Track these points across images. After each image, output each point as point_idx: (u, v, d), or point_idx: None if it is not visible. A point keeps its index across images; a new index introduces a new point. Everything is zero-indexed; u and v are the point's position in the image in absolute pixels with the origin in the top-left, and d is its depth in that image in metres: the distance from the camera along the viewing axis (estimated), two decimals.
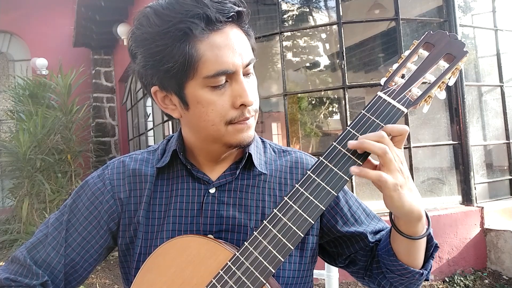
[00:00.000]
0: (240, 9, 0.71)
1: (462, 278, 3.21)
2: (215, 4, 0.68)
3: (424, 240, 0.75)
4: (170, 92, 0.73)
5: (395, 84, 0.68)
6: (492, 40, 4.03)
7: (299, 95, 6.07)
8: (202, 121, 0.73)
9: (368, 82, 4.11)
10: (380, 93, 0.68)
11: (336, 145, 0.66)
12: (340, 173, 0.65)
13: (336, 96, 6.63)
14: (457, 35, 0.69)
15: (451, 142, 3.65)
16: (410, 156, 3.45)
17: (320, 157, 0.67)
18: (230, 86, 0.71)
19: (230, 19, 0.70)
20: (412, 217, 0.68)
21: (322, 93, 6.75)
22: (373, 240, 0.84)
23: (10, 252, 4.99)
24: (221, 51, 0.68)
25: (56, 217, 0.83)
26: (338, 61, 3.90)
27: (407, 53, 0.70)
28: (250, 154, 0.81)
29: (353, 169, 0.64)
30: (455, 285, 3.16)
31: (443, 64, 0.68)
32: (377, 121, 0.66)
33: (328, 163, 0.65)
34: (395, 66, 0.70)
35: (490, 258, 3.39)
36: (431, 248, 0.77)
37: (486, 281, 3.20)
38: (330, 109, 7.12)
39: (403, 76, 0.69)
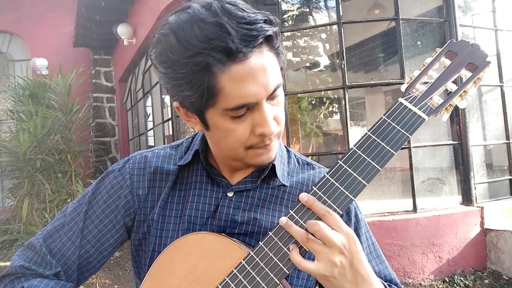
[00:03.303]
0: (270, 32, 0.64)
1: (462, 278, 3.21)
2: (242, 28, 0.61)
3: None
4: (191, 111, 0.72)
5: (416, 91, 0.68)
6: (492, 40, 4.02)
7: (299, 95, 6.07)
8: (222, 144, 0.73)
9: (368, 82, 4.12)
10: (401, 99, 0.67)
11: (356, 149, 0.66)
12: (359, 178, 0.64)
13: (336, 96, 6.63)
14: (479, 45, 0.68)
15: (451, 142, 3.65)
16: (410, 156, 3.45)
17: (339, 161, 0.66)
18: (251, 114, 0.67)
19: (257, 46, 0.63)
20: None
21: (322, 93, 6.75)
22: None
23: (10, 252, 4.99)
24: (242, 84, 0.63)
25: (74, 207, 0.83)
26: (338, 61, 3.89)
27: (428, 60, 0.70)
28: (273, 165, 0.80)
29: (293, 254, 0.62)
30: (455, 285, 3.16)
31: (465, 73, 0.67)
32: (398, 127, 0.66)
33: (347, 168, 0.65)
34: (416, 73, 0.69)
35: (490, 258, 3.39)
36: None
37: (486, 281, 3.20)
38: (330, 109, 7.12)
39: (424, 84, 0.69)
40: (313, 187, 0.65)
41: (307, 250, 0.62)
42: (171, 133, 5.37)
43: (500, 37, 4.02)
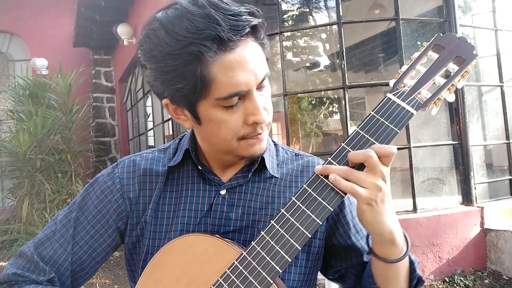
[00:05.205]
0: (255, 22, 0.67)
1: (462, 278, 3.21)
2: (228, 19, 0.64)
3: (403, 267, 0.73)
4: (182, 107, 0.72)
5: (404, 86, 0.68)
6: (492, 40, 4.02)
7: (299, 95, 6.07)
8: (214, 137, 0.73)
9: (368, 82, 4.12)
10: (389, 95, 0.68)
11: (345, 146, 0.66)
12: None
13: (336, 96, 6.63)
14: (466, 38, 0.68)
15: (451, 142, 3.65)
16: (410, 156, 3.45)
17: (328, 158, 0.67)
18: (243, 103, 0.69)
19: (244, 36, 0.66)
20: (384, 237, 0.67)
21: (322, 93, 6.75)
22: (366, 260, 0.82)
23: (10, 252, 4.99)
24: (234, 72, 0.65)
25: (65, 214, 0.83)
26: (338, 61, 3.90)
27: (416, 55, 0.70)
28: (263, 158, 0.81)
29: (331, 177, 0.63)
30: (455, 285, 3.16)
31: (452, 66, 0.68)
32: (386, 122, 0.66)
33: (336, 164, 0.65)
34: (404, 68, 0.70)
35: (490, 258, 3.39)
36: (414, 280, 0.75)
37: (486, 281, 3.20)
38: (330, 109, 7.13)
39: (412, 78, 0.69)
40: (303, 185, 0.65)
41: (352, 182, 0.63)
42: (171, 133, 5.37)
43: (500, 37, 4.02)
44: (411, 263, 0.75)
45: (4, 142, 5.85)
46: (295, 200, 0.65)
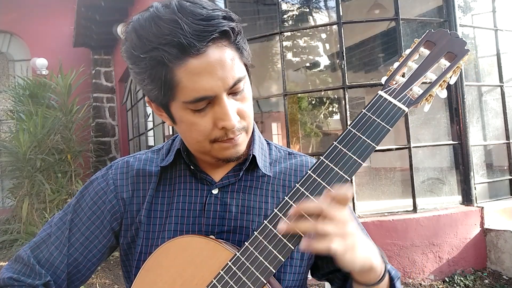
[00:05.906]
0: (226, 27, 0.65)
1: (462, 278, 3.21)
2: (197, 25, 0.63)
3: (384, 283, 0.71)
4: (159, 106, 0.74)
5: (396, 83, 0.68)
6: (492, 40, 4.02)
7: (299, 95, 6.08)
8: (188, 137, 0.75)
9: (368, 82, 4.11)
10: (381, 92, 0.67)
11: (337, 144, 0.66)
12: (341, 173, 0.65)
13: (336, 96, 6.64)
14: (458, 34, 0.68)
15: (451, 142, 3.65)
16: (410, 156, 3.45)
17: (321, 157, 0.67)
18: (212, 108, 0.69)
19: (211, 42, 0.64)
20: (364, 270, 0.66)
21: (322, 93, 6.76)
22: None
23: (10, 252, 4.99)
24: (199, 77, 0.65)
25: (60, 217, 0.84)
26: (338, 61, 3.89)
27: (408, 51, 0.70)
28: (254, 156, 0.81)
29: (303, 246, 0.60)
30: (455, 285, 3.16)
31: (444, 62, 0.67)
32: (378, 120, 0.65)
33: (328, 163, 0.65)
34: (395, 65, 0.70)
35: (490, 258, 3.39)
36: None
37: (486, 281, 3.20)
38: (330, 109, 7.13)
39: (404, 75, 0.69)
40: (296, 184, 0.65)
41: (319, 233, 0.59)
42: (171, 133, 5.37)
43: (500, 37, 4.02)
44: (391, 279, 0.74)
45: (4, 142, 5.85)
46: (287, 199, 0.65)
